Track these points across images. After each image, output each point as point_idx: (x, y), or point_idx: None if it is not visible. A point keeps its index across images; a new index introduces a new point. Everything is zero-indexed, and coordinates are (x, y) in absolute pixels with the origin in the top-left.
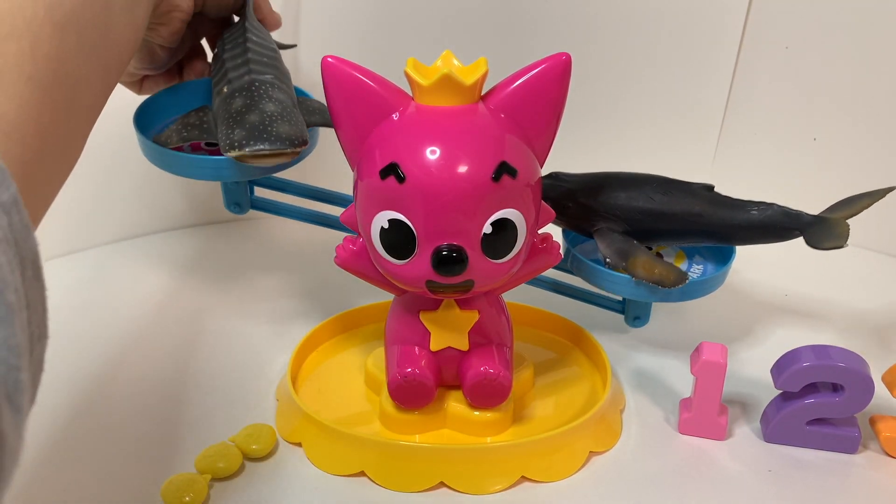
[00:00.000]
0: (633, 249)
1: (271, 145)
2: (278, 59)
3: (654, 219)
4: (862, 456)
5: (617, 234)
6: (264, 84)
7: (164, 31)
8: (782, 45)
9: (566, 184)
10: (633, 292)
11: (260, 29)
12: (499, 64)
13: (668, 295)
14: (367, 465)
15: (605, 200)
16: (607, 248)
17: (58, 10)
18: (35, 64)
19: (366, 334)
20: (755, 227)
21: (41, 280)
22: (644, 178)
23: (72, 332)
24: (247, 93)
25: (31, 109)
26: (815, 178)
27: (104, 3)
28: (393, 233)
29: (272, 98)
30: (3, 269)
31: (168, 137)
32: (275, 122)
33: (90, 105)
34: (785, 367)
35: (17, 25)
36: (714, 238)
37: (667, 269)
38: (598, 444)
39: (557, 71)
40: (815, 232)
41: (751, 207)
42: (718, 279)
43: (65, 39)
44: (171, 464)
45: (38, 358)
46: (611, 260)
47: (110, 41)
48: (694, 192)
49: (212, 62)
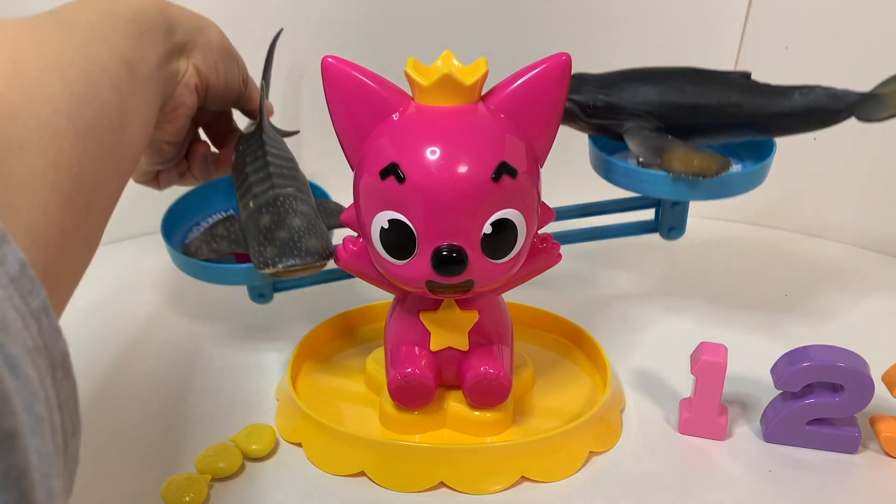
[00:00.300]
0: (667, 144)
1: (302, 260)
2: (297, 169)
3: (689, 113)
4: (862, 456)
5: (649, 130)
6: (288, 198)
7: (170, 129)
8: (782, 45)
9: (592, 83)
10: (673, 190)
11: (275, 138)
12: (499, 64)
13: (710, 190)
14: (367, 465)
15: (635, 97)
16: (640, 147)
17: (78, 119)
18: (58, 172)
19: (366, 334)
20: (799, 114)
21: (71, 377)
22: (675, 71)
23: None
24: (273, 208)
25: (54, 215)
26: None
27: (119, 107)
28: (393, 233)
29: (297, 212)
30: (33, 383)
31: (198, 249)
32: (303, 238)
33: (107, 206)
34: (785, 367)
35: (43, 137)
36: (754, 129)
37: (707, 158)
38: (598, 444)
39: (557, 71)
40: (867, 107)
41: (792, 93)
42: (761, 172)
43: (86, 147)
44: (171, 464)
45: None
46: (644, 158)
47: (124, 143)
48: (730, 81)
49: (232, 169)
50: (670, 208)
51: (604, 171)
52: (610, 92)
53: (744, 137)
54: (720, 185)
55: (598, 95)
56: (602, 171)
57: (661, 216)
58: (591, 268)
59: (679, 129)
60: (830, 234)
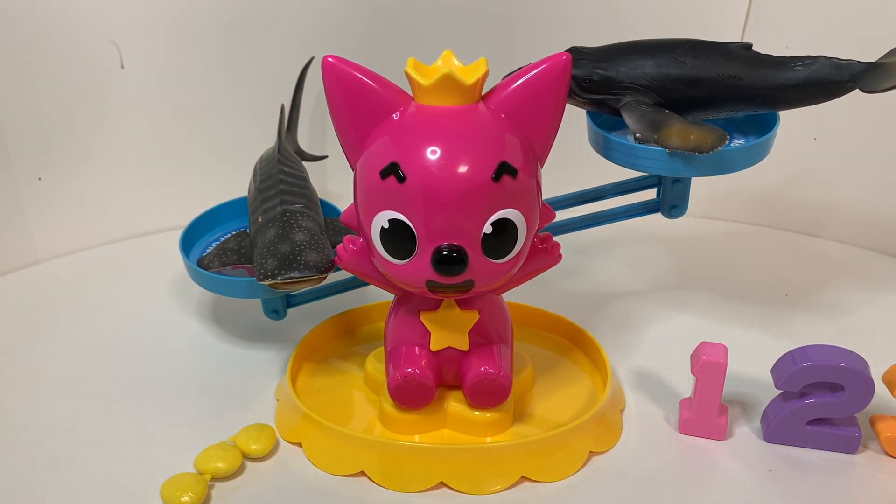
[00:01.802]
0: (664, 118)
1: (300, 273)
2: (307, 187)
3: (688, 86)
4: (862, 456)
5: (646, 105)
6: (294, 214)
7: None
8: (782, 45)
9: (588, 56)
10: (673, 167)
11: (291, 157)
12: (499, 64)
13: (711, 167)
14: (367, 465)
15: (632, 70)
16: (637, 122)
17: None
18: None
19: (366, 334)
20: (802, 85)
21: None
22: (673, 43)
23: (72, 332)
24: (279, 223)
25: None
26: None
27: None
28: (393, 233)
29: (302, 227)
30: None
31: (210, 262)
32: (304, 251)
33: None
34: (785, 367)
35: None
36: (755, 103)
37: (704, 133)
38: (598, 444)
39: (558, 71)
40: (871, 77)
41: (794, 63)
42: (762, 146)
43: None
44: (171, 464)
45: None
46: (641, 134)
47: None
48: (730, 52)
49: (248, 190)
50: (672, 186)
51: (603, 149)
52: (607, 65)
53: (745, 111)
54: (720, 161)
55: (594, 69)
56: (601, 149)
57: (662, 195)
58: (591, 267)
59: (678, 103)
60: (831, 233)
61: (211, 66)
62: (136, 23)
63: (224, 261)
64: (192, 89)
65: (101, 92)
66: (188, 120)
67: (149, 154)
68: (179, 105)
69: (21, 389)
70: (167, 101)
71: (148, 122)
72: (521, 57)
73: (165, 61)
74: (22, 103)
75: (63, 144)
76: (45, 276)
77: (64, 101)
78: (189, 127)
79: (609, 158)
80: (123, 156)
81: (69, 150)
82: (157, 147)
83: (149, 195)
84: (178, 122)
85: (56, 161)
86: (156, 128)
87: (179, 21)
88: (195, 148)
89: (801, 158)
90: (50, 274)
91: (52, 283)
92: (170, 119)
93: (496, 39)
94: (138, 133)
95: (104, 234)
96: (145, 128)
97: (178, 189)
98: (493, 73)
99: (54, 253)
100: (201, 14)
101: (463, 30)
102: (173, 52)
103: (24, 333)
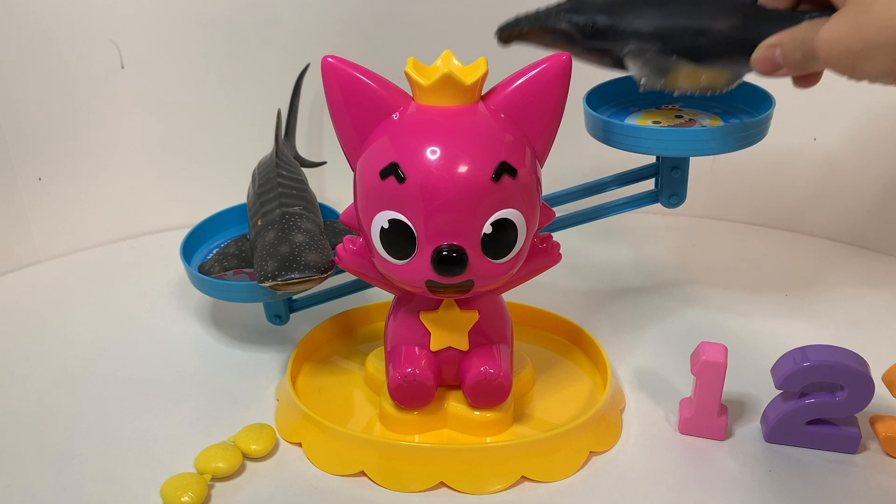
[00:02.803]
0: (671, 63)
1: (300, 273)
2: (306, 190)
3: (693, 36)
4: (862, 456)
5: (652, 52)
6: (294, 216)
7: None
8: None
9: (593, 4)
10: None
11: (288, 161)
12: (499, 64)
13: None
14: (367, 465)
15: (636, 20)
16: (643, 68)
17: None
18: None
19: (366, 334)
20: None
21: None
22: None
23: (72, 332)
24: (278, 225)
25: None
26: None
27: None
28: (393, 233)
29: (301, 229)
30: None
31: (211, 267)
32: (304, 252)
33: None
34: (785, 367)
35: None
36: None
37: (716, 73)
38: (598, 444)
39: (557, 71)
40: None
41: (802, 17)
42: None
43: None
44: (171, 464)
45: None
46: (647, 80)
47: None
48: (736, 4)
49: (247, 195)
50: (669, 173)
51: (602, 134)
52: (611, 12)
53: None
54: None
55: (597, 16)
56: (600, 134)
57: (660, 184)
58: (591, 267)
59: (683, 53)
60: (831, 234)
61: (211, 66)
62: (136, 23)
63: (225, 265)
64: (192, 89)
65: (102, 92)
66: (188, 119)
67: (149, 154)
68: (179, 105)
69: (21, 389)
70: (167, 101)
71: (148, 123)
72: (521, 57)
73: (165, 62)
74: (22, 103)
75: (63, 144)
76: (45, 276)
77: (64, 101)
78: (189, 126)
79: (609, 143)
80: (123, 156)
81: (69, 150)
82: (157, 147)
83: (149, 195)
84: (177, 122)
85: (56, 161)
86: (156, 128)
87: (179, 21)
88: (195, 147)
89: (802, 158)
90: (50, 274)
91: (52, 283)
92: (170, 119)
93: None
94: (138, 133)
95: (104, 234)
96: (145, 128)
97: (178, 189)
98: (493, 73)
99: (54, 253)
100: (201, 14)
101: (463, 30)
102: (173, 51)
103: (24, 333)
